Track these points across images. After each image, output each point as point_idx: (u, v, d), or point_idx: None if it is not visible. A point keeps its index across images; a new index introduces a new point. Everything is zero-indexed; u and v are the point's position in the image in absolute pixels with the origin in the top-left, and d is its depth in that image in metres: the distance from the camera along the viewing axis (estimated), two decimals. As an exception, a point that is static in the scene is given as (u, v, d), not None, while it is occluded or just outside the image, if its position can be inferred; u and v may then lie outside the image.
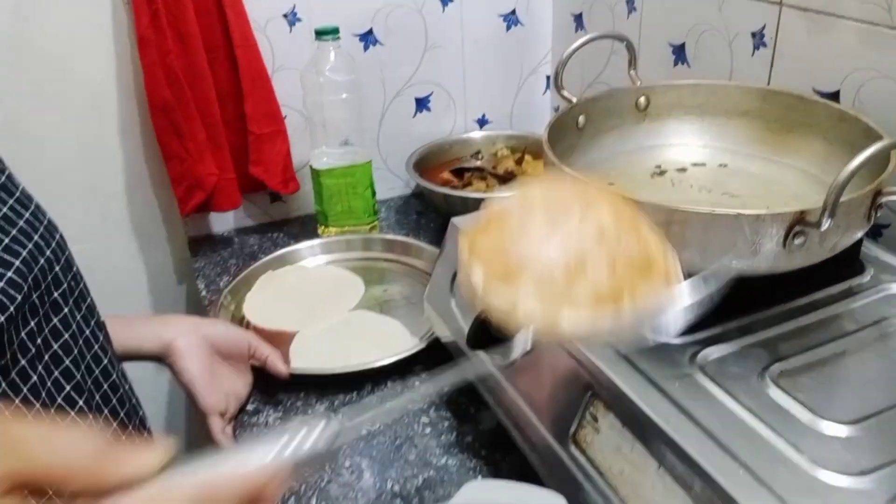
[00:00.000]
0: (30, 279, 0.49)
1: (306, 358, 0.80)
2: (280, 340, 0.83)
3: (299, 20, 1.00)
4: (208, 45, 0.92)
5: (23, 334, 0.49)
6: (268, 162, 1.01)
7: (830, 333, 0.55)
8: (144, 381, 1.11)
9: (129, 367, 0.69)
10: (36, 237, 0.52)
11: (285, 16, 0.99)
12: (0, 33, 0.89)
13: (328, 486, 0.65)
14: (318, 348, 0.82)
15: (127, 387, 0.63)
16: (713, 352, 0.53)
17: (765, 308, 0.57)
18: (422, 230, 1.08)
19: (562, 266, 0.39)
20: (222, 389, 0.73)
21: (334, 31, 0.92)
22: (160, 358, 0.72)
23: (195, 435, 1.23)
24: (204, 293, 0.96)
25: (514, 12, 1.13)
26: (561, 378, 0.56)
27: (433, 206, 1.10)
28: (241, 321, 0.87)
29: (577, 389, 0.54)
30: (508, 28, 1.14)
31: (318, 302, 0.91)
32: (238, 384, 0.76)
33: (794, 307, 0.57)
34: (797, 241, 0.51)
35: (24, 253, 0.50)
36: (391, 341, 0.82)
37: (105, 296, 0.66)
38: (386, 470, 0.67)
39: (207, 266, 1.02)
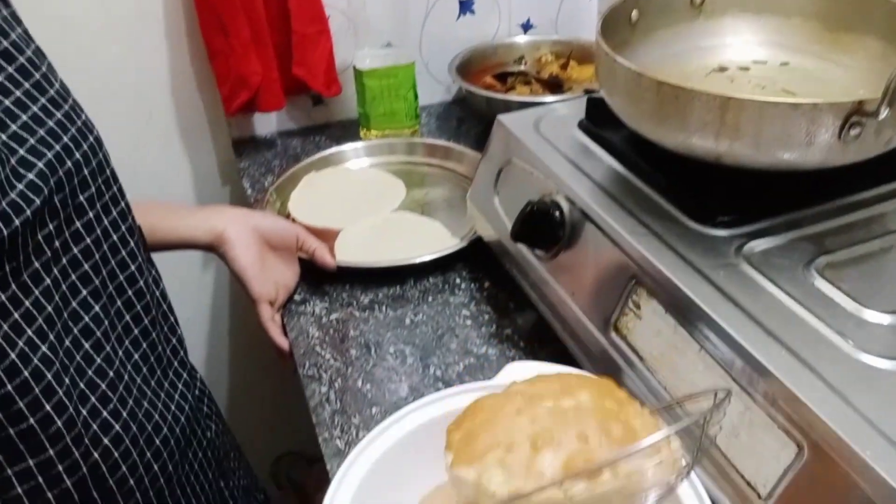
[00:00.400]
0: (52, 181, 0.47)
1: (351, 253, 0.82)
2: (325, 237, 0.85)
3: (342, -86, 0.98)
4: (252, -61, 0.91)
5: (39, 237, 0.47)
6: (311, 63, 1.00)
7: (878, 230, 0.55)
8: (191, 277, 1.16)
9: (174, 263, 0.69)
10: (66, 138, 0.49)
11: None
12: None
13: (373, 369, 0.68)
14: (363, 245, 0.84)
15: (157, 293, 0.61)
16: (759, 244, 0.53)
17: (813, 204, 0.57)
18: (462, 137, 1.07)
19: (528, 439, 0.39)
20: (272, 279, 0.75)
21: (379, -75, 0.90)
22: (211, 247, 0.75)
23: (238, 331, 1.28)
24: (249, 191, 0.98)
25: None
26: (605, 268, 0.57)
27: (475, 110, 1.09)
28: (286, 218, 0.89)
29: (621, 278, 0.55)
30: (557, -74, 1.10)
31: (361, 202, 0.92)
32: (287, 274, 0.78)
33: (844, 204, 0.57)
34: (853, 132, 0.50)
35: (50, 154, 0.47)
36: (433, 240, 0.83)
37: (149, 197, 0.67)
38: (428, 357, 0.69)
39: (252, 166, 1.03)
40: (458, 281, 0.79)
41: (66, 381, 0.48)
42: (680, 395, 0.49)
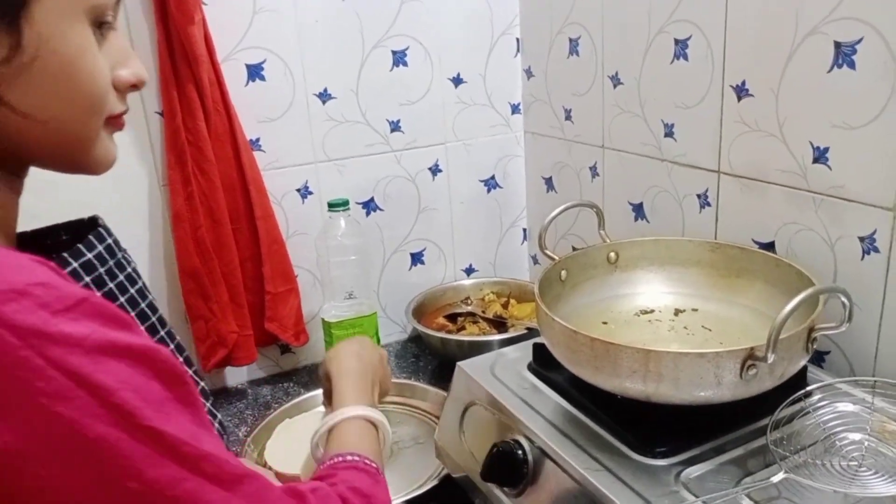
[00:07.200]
0: None
1: (329, 498, 0.87)
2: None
3: (311, 193, 1.15)
4: (233, 217, 1.05)
5: None
6: (282, 317, 1.11)
7: (791, 447, 0.65)
8: None
9: None
10: None
11: (298, 190, 1.14)
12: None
13: None
14: (339, 489, 0.89)
15: None
16: (693, 470, 0.63)
17: (732, 430, 0.68)
18: (420, 372, 1.17)
19: None
20: None
21: (345, 204, 1.07)
22: None
23: None
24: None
25: (493, 177, 1.30)
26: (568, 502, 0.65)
27: (431, 348, 1.20)
28: (263, 468, 0.94)
29: (583, 510, 0.63)
30: (489, 191, 1.31)
31: (333, 445, 0.98)
32: None
33: (759, 427, 0.68)
34: (751, 372, 0.62)
35: None
36: (404, 480, 0.90)
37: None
38: None
39: (225, 418, 1.09)
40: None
41: None
42: None
